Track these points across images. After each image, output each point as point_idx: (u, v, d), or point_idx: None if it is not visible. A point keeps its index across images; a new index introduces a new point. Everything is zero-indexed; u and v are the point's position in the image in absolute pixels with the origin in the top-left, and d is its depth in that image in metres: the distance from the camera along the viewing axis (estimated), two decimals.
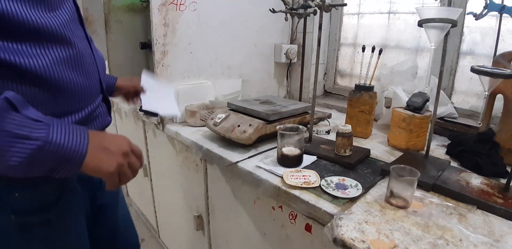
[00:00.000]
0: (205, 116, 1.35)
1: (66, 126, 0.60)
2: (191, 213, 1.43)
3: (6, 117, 0.54)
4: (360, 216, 0.73)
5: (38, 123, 0.57)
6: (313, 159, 1.03)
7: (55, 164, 0.58)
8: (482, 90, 0.92)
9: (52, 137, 0.57)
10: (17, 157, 0.54)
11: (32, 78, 0.63)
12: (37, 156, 0.55)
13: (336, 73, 1.88)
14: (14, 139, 0.54)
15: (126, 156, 0.67)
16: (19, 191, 0.71)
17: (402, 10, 1.52)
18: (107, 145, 0.64)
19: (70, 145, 0.58)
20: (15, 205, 0.71)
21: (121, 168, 0.66)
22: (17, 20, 0.59)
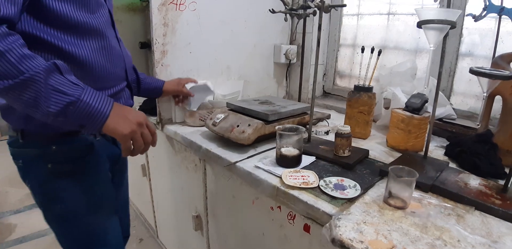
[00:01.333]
0: (204, 116, 1.35)
1: (97, 93, 0.75)
2: (189, 213, 1.43)
3: (52, 75, 0.70)
4: (359, 216, 0.73)
5: (76, 86, 0.72)
6: (312, 159, 1.03)
7: (83, 119, 0.73)
8: (481, 91, 0.92)
9: (84, 97, 0.72)
10: (55, 106, 0.69)
11: (73, 60, 0.82)
12: (70, 109, 0.70)
13: (335, 74, 1.88)
14: (54, 92, 0.69)
15: (140, 126, 0.82)
16: (56, 145, 0.90)
17: (401, 11, 1.53)
18: (126, 114, 0.79)
19: (97, 106, 0.73)
20: (52, 156, 0.90)
21: (134, 134, 0.80)
22: (64, 17, 0.78)
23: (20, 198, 2.64)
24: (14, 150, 0.93)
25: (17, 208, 2.50)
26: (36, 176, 0.92)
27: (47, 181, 0.92)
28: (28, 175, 0.93)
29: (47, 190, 0.93)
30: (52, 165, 0.90)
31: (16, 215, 2.42)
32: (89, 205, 0.97)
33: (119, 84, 1.00)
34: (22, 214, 2.44)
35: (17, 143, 0.90)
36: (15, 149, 0.92)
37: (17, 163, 0.93)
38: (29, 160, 0.91)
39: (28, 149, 0.90)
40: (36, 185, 0.93)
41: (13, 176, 2.90)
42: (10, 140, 0.92)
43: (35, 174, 0.92)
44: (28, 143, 0.89)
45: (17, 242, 2.11)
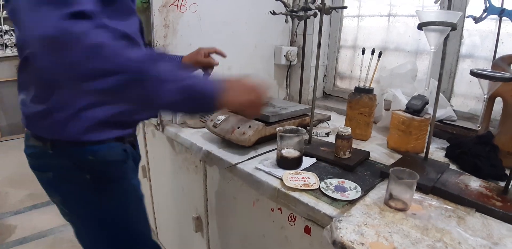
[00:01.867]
0: (205, 118, 1.35)
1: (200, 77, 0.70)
2: (190, 214, 1.43)
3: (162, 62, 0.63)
4: (359, 218, 0.73)
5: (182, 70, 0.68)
6: (313, 161, 1.03)
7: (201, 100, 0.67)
8: (481, 93, 0.92)
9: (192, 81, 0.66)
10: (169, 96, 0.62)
11: None
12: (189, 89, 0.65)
13: (336, 76, 1.88)
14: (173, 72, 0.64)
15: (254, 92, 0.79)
16: (92, 154, 0.85)
17: (402, 13, 1.53)
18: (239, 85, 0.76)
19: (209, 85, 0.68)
20: (90, 166, 0.86)
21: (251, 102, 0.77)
22: None
23: (20, 198, 2.64)
24: (40, 162, 0.87)
25: (17, 209, 2.50)
26: (73, 188, 0.87)
27: (87, 193, 0.88)
28: (60, 188, 0.88)
29: (87, 201, 0.89)
30: (92, 175, 0.86)
31: (16, 216, 2.42)
32: (131, 211, 0.97)
33: None
34: (22, 215, 2.44)
35: (44, 153, 0.84)
36: (42, 160, 0.86)
37: (43, 175, 0.87)
38: (62, 172, 0.86)
39: (61, 160, 0.84)
40: (73, 198, 0.89)
41: (13, 177, 2.92)
42: (33, 151, 0.86)
43: (72, 187, 0.87)
44: (59, 153, 0.84)
45: (17, 243, 2.11)
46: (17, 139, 3.90)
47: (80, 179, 0.86)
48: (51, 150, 0.83)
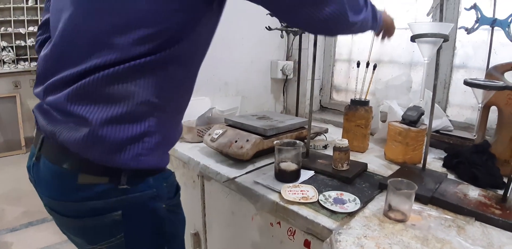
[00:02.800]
0: (202, 132, 1.35)
1: None
2: (188, 230, 1.41)
3: None
4: (359, 230, 0.72)
5: None
6: (311, 173, 1.03)
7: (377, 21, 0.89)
8: (476, 102, 0.93)
9: None
10: None
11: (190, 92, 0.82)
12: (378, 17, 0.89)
13: (331, 89, 1.89)
14: None
15: None
16: (166, 181, 0.78)
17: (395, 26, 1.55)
18: None
19: None
20: (164, 194, 0.77)
21: None
22: None
23: (16, 216, 2.60)
24: (105, 203, 0.67)
25: (13, 226, 2.47)
26: (147, 222, 0.74)
27: (164, 223, 0.77)
28: (130, 227, 0.72)
29: (163, 232, 0.78)
30: (166, 203, 0.77)
31: (13, 233, 2.39)
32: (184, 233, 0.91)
33: None
34: (18, 232, 2.41)
35: (113, 191, 0.67)
36: (107, 200, 0.67)
37: (105, 218, 0.68)
38: (135, 208, 0.71)
39: (136, 193, 0.69)
40: (146, 233, 0.75)
41: (10, 194, 2.89)
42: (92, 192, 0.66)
43: (147, 221, 0.74)
44: (135, 186, 0.69)
45: None
46: (13, 155, 3.88)
47: (159, 210, 0.75)
48: (125, 183, 0.67)
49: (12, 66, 3.91)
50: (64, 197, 0.68)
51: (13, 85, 3.98)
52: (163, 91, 0.68)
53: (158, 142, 0.70)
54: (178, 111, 0.79)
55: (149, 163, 0.69)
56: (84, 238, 0.74)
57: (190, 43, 0.70)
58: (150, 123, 0.67)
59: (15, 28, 3.82)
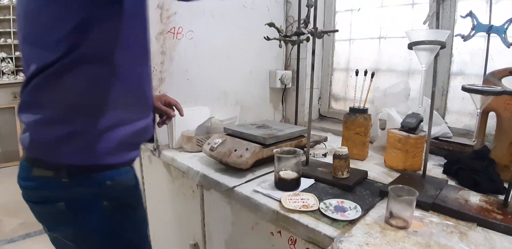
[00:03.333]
0: (202, 142, 1.35)
1: None
2: (187, 241, 1.40)
3: None
4: (361, 238, 0.71)
5: None
6: (311, 182, 1.02)
7: None
8: (475, 109, 0.93)
9: None
10: None
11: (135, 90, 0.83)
12: None
13: (330, 97, 1.90)
14: None
15: None
16: (110, 179, 0.82)
17: (392, 35, 1.57)
18: None
19: None
20: (107, 192, 0.82)
21: None
22: None
23: (13, 227, 2.59)
24: (47, 194, 0.78)
25: (10, 238, 2.45)
26: (89, 217, 0.81)
27: (105, 220, 0.82)
28: (73, 219, 0.80)
29: (105, 229, 0.83)
30: (109, 202, 0.82)
31: (10, 245, 2.37)
32: (144, 235, 0.95)
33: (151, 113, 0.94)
34: (16, 243, 2.39)
35: (57, 183, 0.77)
36: (52, 191, 0.78)
37: (51, 208, 0.79)
38: (78, 201, 0.79)
39: (77, 188, 0.78)
40: (88, 227, 0.82)
41: (7, 205, 2.87)
42: (39, 183, 0.78)
43: (89, 215, 0.81)
44: (76, 181, 0.77)
45: None
46: (11, 166, 3.86)
47: (99, 207, 0.81)
48: (66, 178, 0.76)
49: (12, 77, 3.95)
50: (26, 186, 0.80)
51: (12, 96, 4.00)
52: (86, 91, 0.75)
53: (89, 141, 0.76)
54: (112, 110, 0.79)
55: (84, 161, 0.77)
56: (43, 224, 0.84)
57: (98, 42, 0.72)
58: (77, 124, 0.75)
59: (14, 40, 3.88)
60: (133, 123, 0.84)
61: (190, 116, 1.46)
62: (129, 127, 0.83)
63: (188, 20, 1.40)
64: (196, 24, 1.43)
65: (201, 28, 1.45)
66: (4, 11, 3.76)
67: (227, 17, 1.55)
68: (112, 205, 0.83)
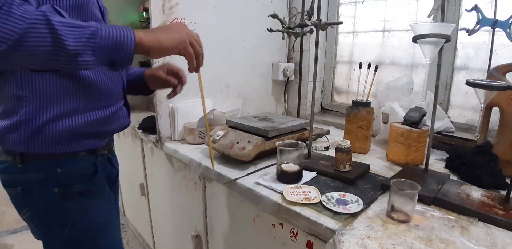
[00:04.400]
0: (204, 134, 1.35)
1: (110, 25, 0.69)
2: (189, 232, 1.41)
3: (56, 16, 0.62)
4: (362, 231, 0.72)
5: (88, 22, 0.66)
6: (313, 175, 1.02)
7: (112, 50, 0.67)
8: (478, 104, 0.93)
9: (101, 27, 0.66)
10: (75, 41, 0.62)
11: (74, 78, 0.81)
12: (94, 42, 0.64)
13: (333, 90, 1.90)
14: (70, 28, 0.62)
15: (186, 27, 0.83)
16: (61, 167, 0.85)
17: (396, 28, 1.56)
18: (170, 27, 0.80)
19: (118, 32, 0.68)
20: (58, 179, 0.85)
21: (191, 37, 0.82)
22: None
23: (16, 217, 2.56)
24: (9, 177, 0.85)
25: (13, 228, 2.46)
26: (41, 202, 0.86)
27: (55, 206, 0.86)
28: (29, 203, 0.87)
29: (55, 215, 0.87)
30: (60, 188, 0.85)
31: (13, 235, 2.39)
32: (101, 225, 0.95)
33: (118, 102, 0.96)
34: (19, 234, 2.41)
35: (14, 168, 0.83)
36: (11, 175, 0.85)
37: (13, 191, 0.86)
38: (31, 186, 0.84)
39: (29, 174, 0.83)
40: (41, 212, 0.87)
41: None
42: (3, 166, 0.85)
43: (40, 200, 0.85)
44: (28, 167, 0.83)
45: None
46: None
47: (49, 193, 0.85)
48: (20, 163, 0.82)
49: None
50: None
51: None
52: (23, 82, 0.76)
53: (33, 131, 0.79)
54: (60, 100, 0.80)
55: (32, 150, 0.80)
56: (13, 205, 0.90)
57: None
58: (21, 114, 0.78)
59: None
60: (87, 113, 0.85)
61: (192, 108, 1.46)
62: (82, 116, 0.84)
63: (191, 11, 1.39)
64: (198, 15, 1.42)
65: (203, 19, 1.44)
66: None
67: (230, 8, 1.53)
68: (63, 192, 0.86)
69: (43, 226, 0.90)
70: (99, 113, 0.88)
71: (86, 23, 0.65)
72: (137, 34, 0.71)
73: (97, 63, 0.67)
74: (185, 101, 1.45)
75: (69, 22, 0.62)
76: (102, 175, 0.95)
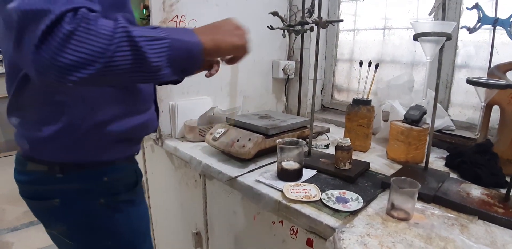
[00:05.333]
0: (204, 132, 1.36)
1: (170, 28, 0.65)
2: (189, 230, 1.41)
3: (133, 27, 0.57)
4: (362, 229, 0.72)
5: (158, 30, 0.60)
6: (313, 172, 1.02)
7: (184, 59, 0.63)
8: (478, 102, 0.93)
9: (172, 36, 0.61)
10: (158, 56, 0.58)
11: None
12: (172, 54, 0.60)
13: (333, 88, 1.90)
14: (151, 42, 0.57)
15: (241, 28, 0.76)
16: (107, 175, 0.80)
17: (397, 26, 1.56)
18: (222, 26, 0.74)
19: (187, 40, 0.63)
20: (104, 188, 0.80)
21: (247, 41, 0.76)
22: None
23: (17, 215, 2.61)
24: (43, 188, 0.78)
25: (14, 226, 2.47)
26: (83, 214, 0.79)
27: (99, 217, 0.81)
28: (67, 215, 0.79)
29: (99, 227, 0.82)
30: (106, 198, 0.81)
31: (13, 233, 2.40)
32: (142, 233, 0.93)
33: (151, 106, 0.92)
34: (20, 231, 2.42)
35: (50, 178, 0.76)
36: (46, 186, 0.77)
37: (46, 203, 0.78)
38: (72, 197, 0.78)
39: (71, 184, 0.77)
40: (82, 225, 0.81)
41: (10, 194, 2.88)
42: (33, 177, 0.78)
43: (82, 212, 0.79)
44: (70, 177, 0.77)
45: None
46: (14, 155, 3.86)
47: (93, 203, 0.80)
48: (60, 173, 0.76)
49: None
50: (21, 179, 0.81)
51: None
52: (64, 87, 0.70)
53: (76, 139, 0.74)
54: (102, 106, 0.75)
55: (75, 159, 0.76)
56: (40, 220, 0.84)
57: None
58: (62, 121, 0.72)
59: None
60: (129, 119, 0.81)
61: (192, 106, 1.46)
62: (125, 122, 0.80)
63: (191, 8, 1.39)
64: (199, 12, 1.41)
65: (204, 16, 1.43)
66: None
67: (231, 5, 1.53)
68: (109, 202, 0.81)
69: (83, 239, 0.83)
70: (138, 118, 0.84)
71: (159, 33, 0.59)
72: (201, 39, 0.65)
73: (173, 74, 0.63)
74: (185, 99, 1.45)
75: (147, 35, 0.57)
76: (141, 183, 0.93)
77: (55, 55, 0.50)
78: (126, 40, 0.54)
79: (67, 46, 0.50)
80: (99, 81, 0.59)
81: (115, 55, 0.53)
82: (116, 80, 0.60)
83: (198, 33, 0.66)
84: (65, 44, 0.50)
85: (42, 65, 0.50)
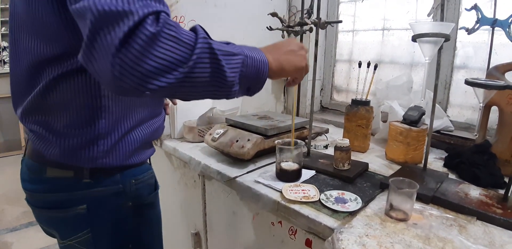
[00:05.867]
0: (203, 132, 1.36)
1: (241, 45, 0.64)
2: (188, 230, 1.42)
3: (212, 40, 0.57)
4: (361, 229, 0.72)
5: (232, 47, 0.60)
6: (312, 173, 1.03)
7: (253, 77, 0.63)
8: (477, 103, 0.93)
9: (245, 53, 0.61)
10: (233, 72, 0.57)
11: None
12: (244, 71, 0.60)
13: (332, 89, 1.90)
14: (228, 56, 0.57)
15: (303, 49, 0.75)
16: (135, 178, 0.80)
17: (395, 27, 1.56)
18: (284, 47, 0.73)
19: (257, 59, 0.63)
20: (131, 191, 0.79)
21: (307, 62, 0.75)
22: None
23: (16, 215, 2.61)
24: (70, 195, 0.73)
25: (13, 226, 2.48)
26: (111, 219, 0.77)
27: (125, 221, 0.80)
28: (94, 222, 0.76)
29: (123, 231, 0.80)
30: (133, 201, 0.79)
31: (13, 233, 2.40)
32: (158, 235, 0.94)
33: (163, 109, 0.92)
34: (19, 232, 2.42)
35: (78, 184, 0.72)
36: (74, 193, 0.72)
37: (71, 211, 0.73)
38: (101, 202, 0.75)
39: (100, 188, 0.74)
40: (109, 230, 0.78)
41: (10, 194, 2.89)
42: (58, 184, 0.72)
43: (110, 217, 0.77)
44: (99, 181, 0.73)
45: None
46: (13, 155, 3.88)
47: (122, 207, 0.78)
48: (88, 178, 0.72)
49: None
50: (35, 189, 0.74)
51: None
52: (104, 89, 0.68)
53: (112, 145, 0.72)
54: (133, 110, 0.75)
55: (108, 164, 0.72)
56: (55, 231, 0.78)
57: None
58: (100, 126, 0.69)
59: None
60: (150, 122, 0.81)
61: (192, 106, 1.46)
62: (147, 125, 0.80)
63: (190, 9, 1.39)
64: (198, 13, 1.42)
65: (203, 17, 1.44)
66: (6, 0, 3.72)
67: (230, 6, 1.53)
68: (135, 205, 0.80)
69: (106, 245, 0.80)
70: (158, 120, 0.84)
71: (233, 49, 0.59)
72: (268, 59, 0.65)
73: (239, 91, 0.62)
74: None
75: (225, 50, 0.56)
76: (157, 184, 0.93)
77: (137, 60, 0.47)
78: (208, 52, 0.53)
79: (150, 51, 0.47)
80: (173, 92, 0.55)
81: (196, 66, 0.52)
82: (189, 92, 0.57)
83: (264, 52, 0.65)
84: (148, 48, 0.47)
85: (121, 70, 0.47)
